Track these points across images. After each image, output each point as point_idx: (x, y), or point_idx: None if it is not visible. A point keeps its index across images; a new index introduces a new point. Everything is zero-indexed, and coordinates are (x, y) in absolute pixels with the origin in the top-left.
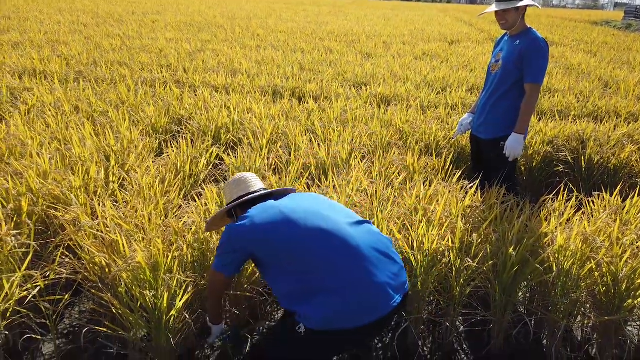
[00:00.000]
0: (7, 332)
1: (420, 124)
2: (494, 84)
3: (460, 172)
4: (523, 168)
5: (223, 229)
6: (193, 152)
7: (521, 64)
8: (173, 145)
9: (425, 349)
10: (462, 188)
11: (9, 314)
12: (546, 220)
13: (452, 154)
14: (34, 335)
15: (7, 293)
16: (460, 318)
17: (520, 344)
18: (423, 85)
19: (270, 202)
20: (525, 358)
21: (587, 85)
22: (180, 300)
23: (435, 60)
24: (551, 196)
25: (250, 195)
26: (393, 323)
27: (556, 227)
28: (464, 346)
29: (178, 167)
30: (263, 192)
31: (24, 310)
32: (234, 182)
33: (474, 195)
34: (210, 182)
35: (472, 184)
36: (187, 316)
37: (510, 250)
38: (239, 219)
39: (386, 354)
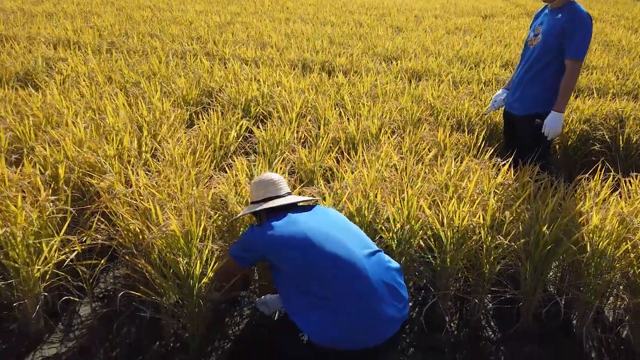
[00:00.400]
0: (46, 294)
1: (452, 100)
2: (531, 59)
3: (492, 150)
4: (557, 146)
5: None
6: (223, 124)
7: (563, 39)
8: (204, 117)
9: (452, 324)
10: (494, 165)
11: (48, 276)
12: (581, 200)
13: (484, 131)
14: (71, 297)
15: (46, 256)
16: (489, 296)
17: (550, 323)
18: (455, 60)
19: (296, 216)
20: (553, 337)
21: (627, 63)
22: (211, 269)
23: (468, 34)
24: (587, 175)
25: (277, 203)
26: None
27: (591, 207)
28: (492, 323)
29: (209, 138)
30: (289, 201)
31: (62, 273)
32: (262, 183)
33: (507, 173)
34: (240, 154)
35: (504, 162)
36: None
37: (544, 228)
38: (264, 225)
39: (413, 328)
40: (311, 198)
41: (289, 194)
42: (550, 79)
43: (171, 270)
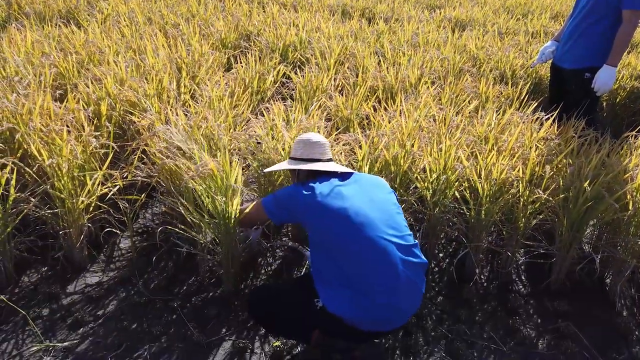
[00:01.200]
0: (90, 225)
1: (497, 51)
2: (585, 9)
3: (536, 104)
4: (605, 103)
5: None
6: (261, 69)
7: None
8: (241, 61)
9: (482, 276)
10: (537, 119)
11: (91, 208)
12: (626, 158)
13: (529, 84)
14: (113, 230)
15: (89, 190)
16: (521, 250)
17: (582, 280)
18: (502, 10)
19: (341, 190)
20: (585, 294)
21: None
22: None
23: None
24: (634, 133)
25: (323, 167)
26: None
27: (637, 165)
28: (522, 277)
29: (246, 82)
30: (333, 169)
31: (105, 206)
32: (309, 142)
33: (550, 128)
34: (277, 99)
35: (548, 116)
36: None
37: (585, 184)
38: (310, 191)
39: (443, 278)
40: (351, 170)
41: (331, 160)
42: (604, 32)
43: (208, 209)
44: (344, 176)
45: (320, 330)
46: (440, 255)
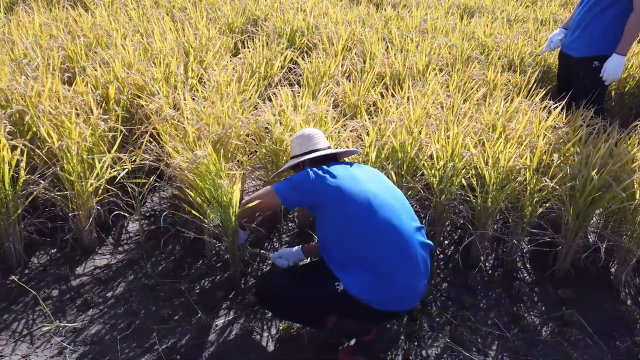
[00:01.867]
0: (98, 208)
1: (505, 39)
2: None
3: (544, 92)
4: (613, 92)
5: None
6: (268, 54)
7: None
8: (249, 46)
9: (487, 264)
10: (545, 107)
11: (100, 191)
12: (634, 147)
13: (537, 72)
14: (121, 213)
15: (98, 173)
16: (526, 238)
17: (587, 268)
18: None
19: (355, 173)
20: (590, 283)
21: None
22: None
23: None
24: None
25: (321, 153)
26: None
27: None
28: (527, 265)
29: (253, 67)
30: (332, 151)
31: (113, 189)
32: (304, 137)
33: (558, 116)
34: (284, 84)
35: (556, 104)
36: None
37: (593, 173)
38: (324, 170)
39: (447, 265)
40: (351, 150)
41: (329, 147)
42: (614, 20)
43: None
44: (348, 163)
45: (337, 314)
46: (446, 242)
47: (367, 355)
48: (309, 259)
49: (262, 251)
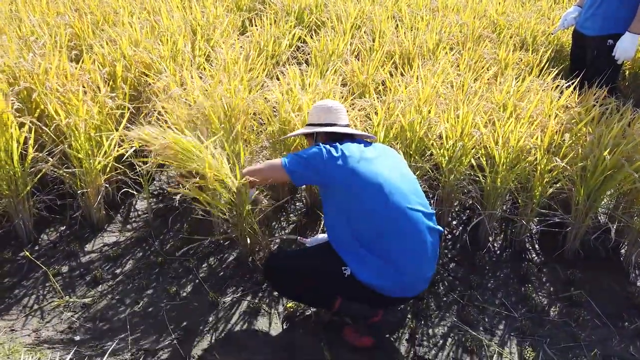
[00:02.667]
0: (107, 185)
1: (518, 17)
2: None
3: (556, 71)
4: (627, 72)
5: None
6: (276, 32)
7: None
8: (256, 24)
9: (495, 244)
10: (557, 87)
11: (108, 169)
12: None
13: (549, 51)
14: (129, 190)
15: (106, 150)
16: (535, 219)
17: (596, 250)
18: None
19: (368, 154)
20: (599, 264)
21: None
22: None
23: None
24: None
25: (341, 130)
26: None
27: None
28: (536, 246)
29: (261, 46)
30: (350, 131)
31: (122, 167)
32: (326, 108)
33: (570, 96)
34: (292, 63)
35: (569, 83)
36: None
37: (605, 153)
38: (337, 149)
39: (455, 245)
40: (369, 135)
41: (348, 126)
42: None
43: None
44: (363, 142)
45: (344, 297)
46: (454, 222)
47: (374, 336)
48: None
49: (298, 237)
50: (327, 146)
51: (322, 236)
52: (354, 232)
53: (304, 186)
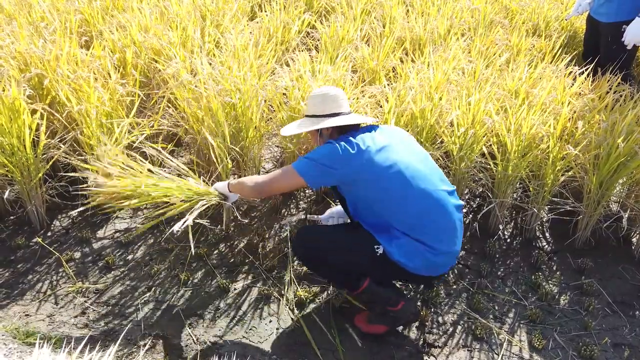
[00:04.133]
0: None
1: (530, 2)
2: None
3: (569, 57)
4: None
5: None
6: (285, 18)
7: None
8: (266, 10)
9: (505, 232)
10: (570, 73)
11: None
12: None
13: (562, 37)
14: None
15: (117, 137)
16: (546, 207)
17: (607, 238)
18: None
19: (384, 144)
20: (610, 252)
21: None
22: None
23: None
24: None
25: (347, 121)
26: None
27: None
28: (547, 234)
29: (271, 32)
30: (357, 121)
31: (133, 154)
32: (327, 97)
33: (584, 82)
34: (302, 49)
35: (582, 70)
36: None
37: (619, 141)
38: (351, 144)
39: (465, 233)
40: (373, 119)
41: (350, 112)
42: None
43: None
44: (370, 128)
45: (372, 277)
46: (464, 210)
47: (389, 325)
48: None
49: (309, 215)
50: (342, 143)
51: (336, 209)
52: (381, 218)
53: None
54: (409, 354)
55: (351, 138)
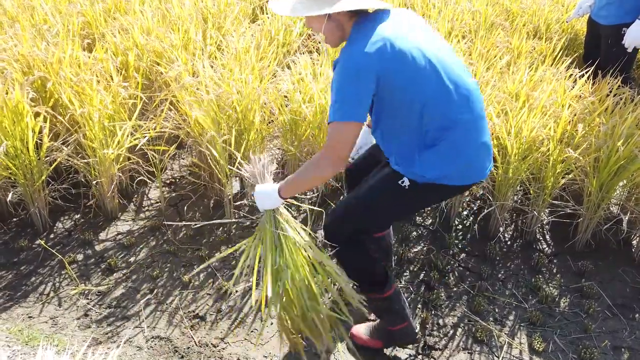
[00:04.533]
0: (120, 174)
1: (531, 4)
2: None
3: (570, 60)
4: None
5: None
6: (287, 20)
7: None
8: (267, 12)
9: (505, 235)
10: (571, 76)
11: (121, 159)
12: None
13: (563, 39)
14: (143, 178)
15: (119, 140)
16: (547, 210)
17: (608, 241)
18: None
19: (406, 35)
20: (610, 255)
21: None
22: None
23: None
24: None
25: (366, 5)
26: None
27: None
28: (547, 237)
29: (272, 34)
30: (377, 5)
31: (134, 157)
32: None
33: (584, 85)
34: (303, 52)
35: (582, 73)
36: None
37: (618, 144)
38: (374, 44)
39: (465, 236)
40: (388, 4)
41: None
42: None
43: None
44: (383, 15)
45: (404, 216)
46: (465, 213)
47: (386, 343)
48: None
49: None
50: (360, 48)
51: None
52: (412, 131)
53: None
54: (409, 356)
55: (377, 33)
